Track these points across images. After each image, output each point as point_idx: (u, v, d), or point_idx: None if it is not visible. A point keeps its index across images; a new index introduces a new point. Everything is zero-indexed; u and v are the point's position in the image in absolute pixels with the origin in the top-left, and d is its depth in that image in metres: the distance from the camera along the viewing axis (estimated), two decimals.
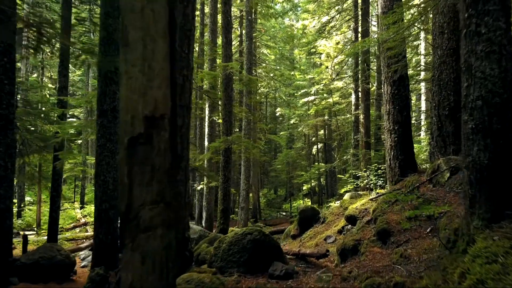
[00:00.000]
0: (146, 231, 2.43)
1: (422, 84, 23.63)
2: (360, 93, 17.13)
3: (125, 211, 2.56)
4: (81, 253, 11.40)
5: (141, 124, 2.37)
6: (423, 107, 23.02)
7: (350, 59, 20.32)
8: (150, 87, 2.40)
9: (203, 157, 11.78)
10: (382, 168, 13.24)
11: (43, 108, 9.78)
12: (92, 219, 18.68)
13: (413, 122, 26.92)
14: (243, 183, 18.23)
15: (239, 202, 18.59)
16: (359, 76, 16.81)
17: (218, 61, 17.24)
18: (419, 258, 4.12)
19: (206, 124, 15.78)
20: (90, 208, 21.01)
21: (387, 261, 4.47)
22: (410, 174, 7.18)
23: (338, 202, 13.71)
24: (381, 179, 13.52)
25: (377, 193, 7.43)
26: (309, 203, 29.16)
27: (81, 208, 20.94)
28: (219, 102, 14.39)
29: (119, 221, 6.52)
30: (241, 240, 4.92)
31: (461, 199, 4.47)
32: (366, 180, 13.42)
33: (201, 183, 14.93)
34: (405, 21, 7.30)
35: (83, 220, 17.93)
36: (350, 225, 6.86)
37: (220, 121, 15.92)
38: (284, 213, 29.96)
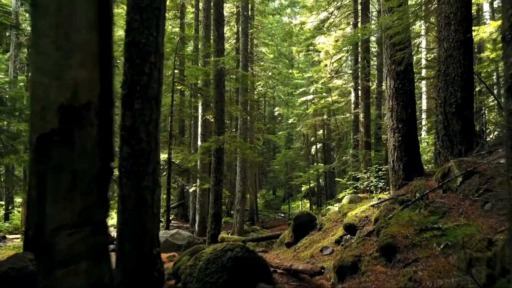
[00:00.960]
0: (64, 265, 1.64)
1: (423, 82, 22.89)
2: (360, 91, 16.35)
3: (33, 237, 1.77)
4: None
5: (54, 117, 1.58)
6: (424, 106, 22.26)
7: (349, 57, 19.54)
8: (67, 66, 1.62)
9: (193, 158, 11.00)
10: (383, 169, 12.48)
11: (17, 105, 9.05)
12: None
13: None
14: (238, 184, 17.46)
15: (234, 204, 17.81)
16: (359, 74, 16.02)
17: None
18: (433, 283, 3.34)
19: (199, 123, 15.00)
20: None
21: (393, 284, 3.69)
22: (415, 178, 6.40)
23: (337, 206, 12.94)
24: (382, 181, 12.76)
25: (379, 198, 6.65)
26: (308, 204, 28.36)
27: None
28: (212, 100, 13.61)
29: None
30: (220, 257, 4.15)
31: (508, 219, 3.67)
32: (366, 182, 12.65)
33: (194, 185, 14.15)
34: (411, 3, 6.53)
35: None
36: (349, 235, 6.08)
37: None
38: (282, 215, 29.20)
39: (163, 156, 13.27)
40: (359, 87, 16.42)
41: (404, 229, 4.43)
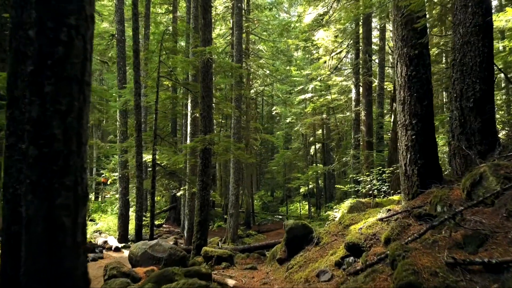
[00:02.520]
0: None
1: None
2: (361, 88, 15.11)
3: None
4: None
5: None
6: None
7: (350, 53, 18.29)
8: None
9: (175, 160, 9.76)
10: (387, 171, 11.25)
11: None
12: None
13: None
14: (232, 187, 16.21)
15: (228, 208, 16.56)
16: (360, 69, 14.78)
17: None
18: None
19: (189, 121, 13.76)
20: None
21: None
22: (433, 185, 5.16)
23: (337, 211, 11.70)
24: (386, 184, 11.54)
25: (388, 210, 5.40)
26: (306, 206, 27.10)
27: None
28: None
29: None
30: None
31: None
32: (369, 186, 11.41)
33: (181, 188, 12.93)
34: None
35: None
36: (352, 257, 4.83)
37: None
38: (280, 217, 27.94)
39: (148, 157, 12.05)
40: (360, 83, 15.18)
41: (430, 260, 3.18)
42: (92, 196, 27.49)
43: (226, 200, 22.40)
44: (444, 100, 21.97)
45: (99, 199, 26.48)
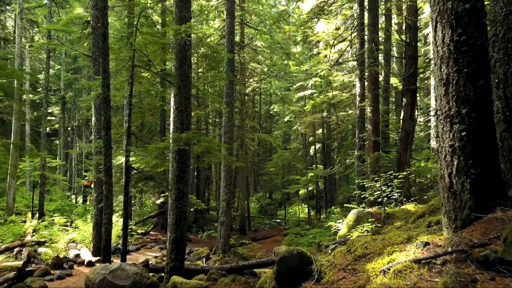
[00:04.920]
0: None
1: (433, 77, 19.72)
2: (366, 81, 13.21)
3: None
4: None
5: None
6: (433, 104, 19.10)
7: (353, 44, 16.38)
8: None
9: (154, 163, 7.90)
10: (399, 177, 9.36)
11: None
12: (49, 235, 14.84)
13: (420, 122, 22.79)
14: (223, 191, 14.34)
15: (218, 215, 14.69)
16: (366, 60, 12.89)
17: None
18: None
19: (171, 118, 11.89)
20: (51, 219, 17.17)
21: None
22: (498, 207, 3.28)
23: (340, 228, 9.79)
24: (397, 191, 9.64)
25: (425, 243, 3.50)
26: (306, 210, 25.18)
27: (40, 220, 17.00)
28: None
29: None
30: None
31: None
32: (378, 192, 9.50)
33: (162, 195, 11.07)
34: None
35: (28, 238, 14.04)
36: None
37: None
38: (278, 220, 26.08)
39: (122, 160, 10.16)
40: (366, 76, 13.28)
41: None
42: (80, 199, 25.64)
43: (219, 205, 20.55)
44: None
45: (88, 202, 24.61)
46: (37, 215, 17.57)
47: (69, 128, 28.00)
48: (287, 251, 5.05)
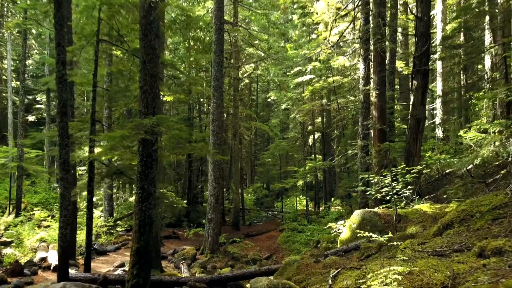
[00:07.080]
0: None
1: (439, 62, 17.94)
2: (371, 62, 11.49)
3: None
4: None
5: None
6: (439, 90, 17.37)
7: (357, 19, 14.56)
8: None
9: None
10: (412, 172, 7.72)
11: None
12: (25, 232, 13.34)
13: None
14: (211, 186, 12.76)
15: (206, 212, 13.13)
16: (371, 37, 11.15)
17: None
18: None
19: None
20: (28, 215, 15.66)
21: None
22: None
23: (342, 231, 8.19)
24: (409, 188, 7.99)
25: None
26: (304, 202, 23.66)
27: (17, 215, 15.46)
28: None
29: None
30: None
31: None
32: (386, 189, 7.81)
33: (134, 192, 9.50)
34: None
35: None
36: None
37: (166, 98, 10.32)
38: (275, 212, 24.55)
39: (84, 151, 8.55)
40: (371, 57, 11.57)
41: None
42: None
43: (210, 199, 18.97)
44: (462, 83, 18.27)
45: None
46: (14, 209, 16.03)
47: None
48: (272, 285, 3.44)
